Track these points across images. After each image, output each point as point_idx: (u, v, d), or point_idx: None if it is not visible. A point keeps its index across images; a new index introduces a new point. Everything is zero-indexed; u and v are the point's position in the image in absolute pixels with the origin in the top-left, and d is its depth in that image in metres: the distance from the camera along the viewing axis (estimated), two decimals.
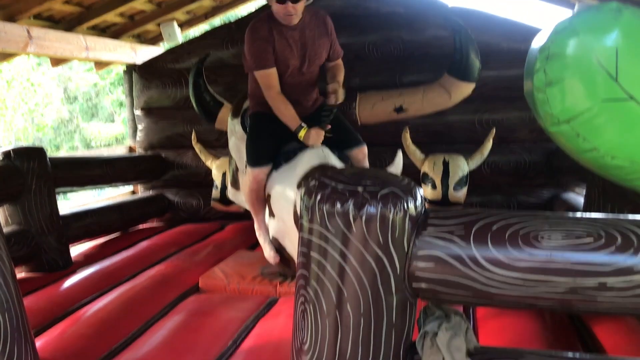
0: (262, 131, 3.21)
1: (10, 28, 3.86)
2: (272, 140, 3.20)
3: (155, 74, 5.12)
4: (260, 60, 3.00)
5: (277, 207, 3.07)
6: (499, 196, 4.60)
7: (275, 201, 3.08)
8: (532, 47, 1.95)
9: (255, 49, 3.01)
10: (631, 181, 1.78)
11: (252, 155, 3.20)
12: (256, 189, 3.20)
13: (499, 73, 4.39)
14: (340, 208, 1.44)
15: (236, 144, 3.61)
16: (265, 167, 3.16)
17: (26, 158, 3.62)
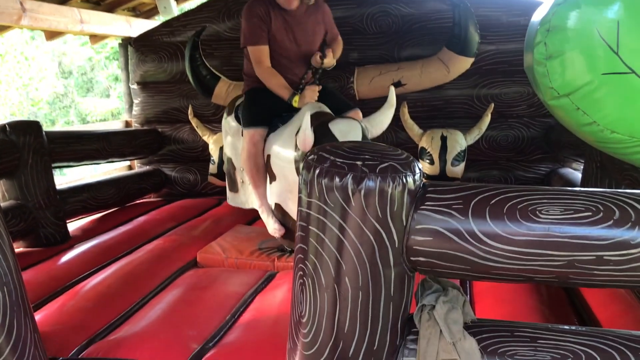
0: (258, 98, 3.26)
1: (3, 1, 3.81)
2: (267, 105, 3.23)
3: (151, 48, 5.07)
4: (253, 36, 3.11)
5: (277, 166, 3.07)
6: (496, 171, 4.60)
7: (275, 161, 3.08)
8: (533, 20, 1.93)
9: (250, 25, 3.11)
10: (630, 155, 1.77)
11: (247, 117, 3.24)
12: (254, 153, 3.19)
13: (498, 47, 4.35)
14: (339, 182, 1.44)
15: (232, 142, 3.59)
16: (260, 128, 3.18)
17: (22, 132, 3.59)
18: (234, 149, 3.58)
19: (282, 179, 3.03)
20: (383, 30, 4.55)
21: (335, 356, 1.50)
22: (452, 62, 4.03)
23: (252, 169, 3.24)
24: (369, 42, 4.57)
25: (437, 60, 4.10)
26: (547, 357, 1.44)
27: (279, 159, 3.03)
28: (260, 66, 3.14)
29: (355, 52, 4.57)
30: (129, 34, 5.29)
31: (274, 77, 3.13)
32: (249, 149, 3.20)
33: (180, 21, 5.04)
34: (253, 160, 3.21)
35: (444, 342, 1.48)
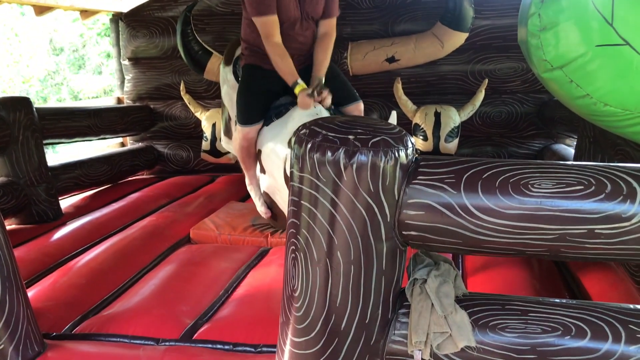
0: (254, 87, 3.09)
1: None
2: (263, 97, 3.09)
3: (142, 23, 5.00)
4: (262, 6, 2.83)
5: (267, 163, 3.03)
6: (489, 147, 4.61)
7: (266, 157, 3.03)
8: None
9: None
10: (623, 128, 1.77)
11: (242, 112, 3.10)
12: (246, 147, 3.14)
13: (492, 22, 4.32)
14: (330, 156, 1.43)
15: (228, 92, 3.52)
16: (255, 125, 3.07)
17: (12, 108, 3.55)
18: (230, 100, 3.50)
19: (271, 175, 3.01)
20: (377, 4, 4.51)
21: (328, 329, 1.51)
22: (446, 37, 4.00)
23: (244, 157, 3.21)
24: (362, 17, 4.53)
25: (431, 35, 4.07)
26: (538, 330, 1.45)
27: (270, 156, 2.98)
28: (270, 40, 2.88)
29: (349, 27, 4.53)
30: (120, 8, 5.21)
31: (283, 59, 2.88)
32: (242, 144, 3.12)
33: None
34: (245, 151, 3.17)
35: (436, 315, 1.49)
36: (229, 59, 3.57)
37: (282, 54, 2.88)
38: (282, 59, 2.88)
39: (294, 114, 2.92)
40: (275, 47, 2.88)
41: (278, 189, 2.99)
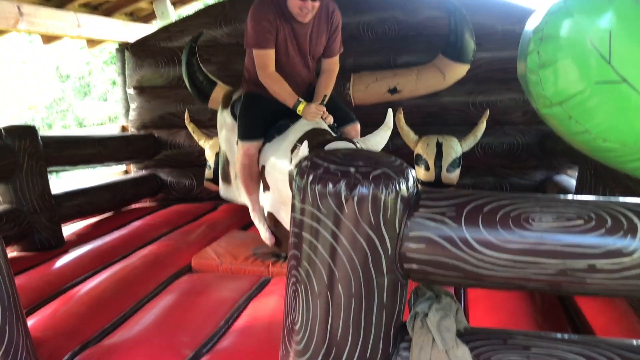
0: (255, 107, 3.18)
1: (0, 5, 3.81)
2: (264, 115, 3.16)
3: (148, 53, 5.07)
4: (261, 39, 2.95)
5: (271, 178, 3.05)
6: (491, 178, 4.62)
7: (270, 172, 3.05)
8: (526, 28, 1.94)
9: (258, 27, 2.95)
10: (622, 164, 1.78)
11: (243, 128, 3.17)
12: (248, 164, 3.16)
13: (493, 55, 4.37)
14: (332, 188, 1.44)
15: (227, 136, 3.57)
16: (255, 141, 3.13)
17: (18, 136, 3.59)
18: (228, 144, 3.57)
19: (276, 191, 3.02)
20: (379, 37, 4.57)
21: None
22: (447, 69, 4.05)
23: (246, 178, 3.22)
24: (365, 48, 4.58)
25: (433, 67, 4.12)
26: None
27: (273, 171, 3.01)
28: (265, 72, 3.01)
29: (352, 58, 4.58)
30: (127, 38, 5.29)
31: (278, 83, 3.01)
32: (243, 161, 3.16)
33: (177, 26, 5.05)
34: (247, 170, 3.19)
35: (437, 350, 1.48)
36: (227, 102, 3.62)
37: (277, 80, 2.99)
38: (278, 85, 2.99)
39: (295, 126, 3.00)
40: (270, 75, 2.99)
41: (283, 202, 2.98)
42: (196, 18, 5.01)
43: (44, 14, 4.24)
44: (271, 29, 2.95)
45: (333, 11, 3.14)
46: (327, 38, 3.17)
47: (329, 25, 3.14)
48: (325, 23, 3.12)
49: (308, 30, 3.06)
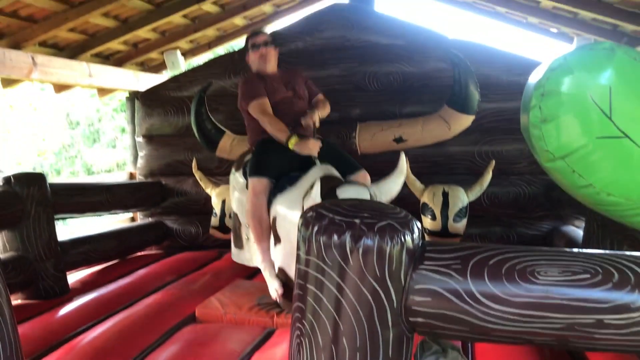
0: (268, 148, 3.27)
1: (15, 55, 3.91)
2: (276, 156, 3.22)
3: (158, 102, 5.16)
4: (252, 93, 3.27)
5: (282, 229, 3.01)
6: (498, 228, 4.59)
7: (281, 223, 3.02)
8: (529, 82, 1.98)
9: (248, 87, 3.33)
10: (627, 217, 1.78)
11: (252, 166, 3.25)
12: (256, 205, 3.15)
13: (498, 105, 4.42)
14: (337, 240, 1.44)
15: (239, 198, 3.58)
16: (264, 178, 3.15)
17: (26, 184, 3.62)
18: (240, 205, 3.57)
19: (287, 242, 2.98)
20: (384, 87, 4.64)
21: None
22: (453, 120, 4.08)
23: (256, 223, 3.20)
24: (370, 99, 4.65)
25: (438, 117, 4.16)
26: None
27: (285, 221, 2.98)
28: (264, 115, 3.21)
29: (357, 108, 4.65)
30: (137, 87, 5.40)
31: (274, 123, 3.17)
32: (252, 200, 3.17)
33: (187, 76, 5.14)
34: (257, 212, 3.16)
35: None
36: (239, 164, 3.66)
37: (274, 120, 3.20)
38: (274, 123, 3.18)
39: (306, 176, 3.02)
40: (268, 117, 3.21)
41: (294, 254, 2.93)
42: (206, 68, 5.11)
43: (56, 64, 4.34)
44: (259, 84, 3.32)
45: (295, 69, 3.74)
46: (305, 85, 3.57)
47: (299, 75, 3.58)
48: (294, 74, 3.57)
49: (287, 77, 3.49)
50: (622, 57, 1.65)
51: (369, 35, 4.69)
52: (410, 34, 4.62)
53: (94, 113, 16.11)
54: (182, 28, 5.27)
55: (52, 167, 15.38)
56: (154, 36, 5.23)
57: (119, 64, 5.35)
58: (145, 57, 5.54)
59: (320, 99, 3.58)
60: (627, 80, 1.62)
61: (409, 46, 4.60)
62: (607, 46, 1.71)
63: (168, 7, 4.65)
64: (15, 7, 3.86)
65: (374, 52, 4.65)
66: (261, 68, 3.43)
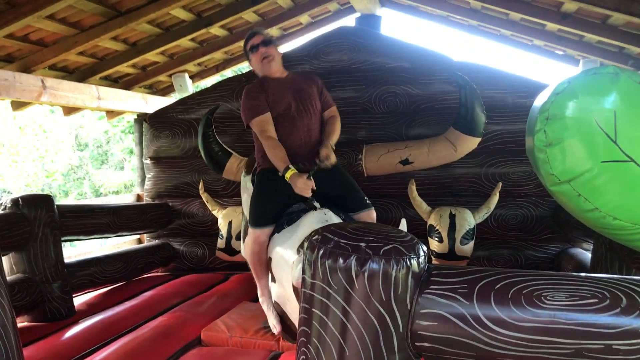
0: (268, 191, 3.14)
1: (25, 78, 3.96)
2: (276, 200, 3.10)
3: (165, 124, 5.20)
4: (253, 109, 3.09)
5: (277, 271, 2.96)
6: (505, 250, 4.56)
7: (276, 265, 2.97)
8: (533, 106, 1.98)
9: (248, 102, 3.12)
10: (633, 242, 1.77)
11: (254, 215, 3.12)
12: (257, 251, 3.10)
13: (504, 127, 4.42)
14: (342, 263, 1.44)
15: (248, 200, 3.52)
16: (266, 228, 3.06)
17: (34, 206, 3.64)
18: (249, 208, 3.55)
19: (280, 285, 2.94)
20: (391, 110, 4.65)
21: None
22: (459, 142, 4.08)
23: (255, 264, 3.17)
24: (377, 121, 4.66)
25: (444, 140, 4.16)
26: None
27: (279, 265, 2.92)
28: (264, 135, 3.04)
29: (364, 130, 4.66)
30: (145, 110, 5.44)
31: (275, 149, 3.00)
32: (254, 248, 3.09)
33: (194, 99, 5.19)
34: (257, 257, 3.12)
35: None
36: (249, 168, 3.66)
37: (275, 145, 3.03)
38: (274, 149, 3.01)
39: (304, 221, 2.87)
40: (269, 140, 3.04)
41: (287, 298, 2.87)
42: (213, 91, 5.15)
43: (66, 87, 4.39)
44: (259, 96, 3.10)
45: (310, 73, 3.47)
46: (319, 93, 3.31)
47: (312, 81, 3.32)
48: (307, 79, 3.33)
49: (296, 82, 3.24)
50: (626, 81, 1.65)
51: (375, 58, 4.72)
52: (416, 57, 4.65)
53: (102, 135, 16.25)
54: (190, 51, 5.33)
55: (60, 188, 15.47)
56: (162, 59, 5.29)
57: (128, 87, 5.40)
58: (154, 80, 5.60)
59: (331, 114, 3.33)
60: (632, 104, 1.62)
61: (415, 68, 4.62)
62: (611, 70, 1.71)
63: (176, 31, 4.71)
64: (26, 32, 3.92)
65: (380, 75, 4.68)
66: (266, 71, 3.20)
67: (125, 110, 5.39)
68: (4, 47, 4.02)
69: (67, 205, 4.36)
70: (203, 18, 4.65)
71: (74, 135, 16.26)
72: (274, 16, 5.20)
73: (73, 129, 16.19)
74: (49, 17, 3.72)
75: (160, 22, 4.53)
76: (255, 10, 4.83)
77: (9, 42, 3.89)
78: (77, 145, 16.37)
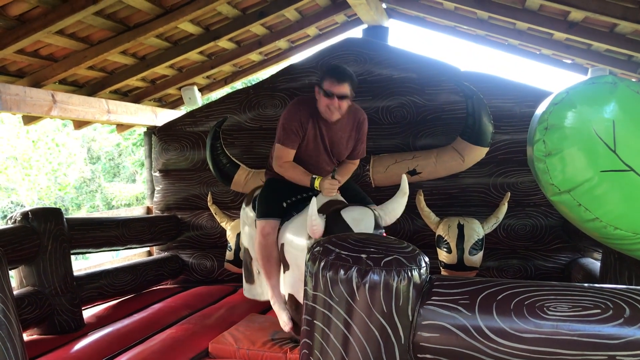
0: (275, 187, 3.27)
1: (35, 93, 4.01)
2: (283, 196, 3.23)
3: (174, 137, 5.23)
4: (286, 138, 3.11)
5: (290, 254, 3.04)
6: (515, 260, 4.53)
7: (288, 249, 3.06)
8: (534, 115, 1.98)
9: (287, 126, 3.11)
10: (635, 251, 1.75)
11: (260, 207, 3.25)
12: (264, 245, 3.17)
13: (512, 137, 4.40)
14: (343, 275, 1.44)
15: (249, 232, 3.63)
16: (272, 219, 3.17)
17: (43, 219, 3.67)
18: (251, 240, 3.60)
19: (295, 267, 3.01)
20: (398, 120, 4.65)
21: None
22: (466, 152, 4.07)
23: (264, 260, 3.23)
24: (384, 132, 4.67)
25: (451, 150, 4.15)
26: None
27: (292, 247, 3.02)
28: (279, 161, 3.15)
29: (371, 141, 4.62)
30: (155, 123, 5.48)
31: (293, 168, 3.13)
32: (260, 240, 3.19)
33: (203, 112, 5.22)
34: (264, 251, 3.19)
35: None
36: (249, 200, 3.71)
37: (291, 166, 3.13)
38: (293, 169, 3.13)
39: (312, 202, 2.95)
40: (285, 165, 3.14)
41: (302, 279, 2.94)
42: (221, 103, 5.18)
43: (76, 101, 4.43)
44: (298, 131, 3.11)
45: (362, 120, 3.29)
46: (354, 144, 3.31)
47: (357, 132, 3.29)
48: (354, 130, 3.27)
49: (337, 132, 3.19)
50: (624, 90, 1.65)
51: (382, 69, 4.73)
52: (423, 67, 4.65)
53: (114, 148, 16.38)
54: (199, 64, 5.36)
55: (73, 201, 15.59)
56: (171, 72, 5.32)
57: (137, 100, 5.44)
58: (163, 93, 5.64)
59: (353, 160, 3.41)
60: (631, 113, 1.61)
61: (422, 79, 4.63)
62: (609, 80, 1.70)
63: (185, 45, 4.74)
64: (36, 47, 3.97)
65: (387, 86, 4.68)
66: (324, 115, 3.07)
67: (135, 124, 5.43)
68: (14, 62, 4.07)
69: (77, 218, 4.39)
70: (211, 31, 4.69)
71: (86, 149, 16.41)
72: (281, 29, 5.23)
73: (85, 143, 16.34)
74: (58, 32, 3.77)
75: (169, 35, 4.57)
76: (262, 23, 4.86)
77: (19, 57, 3.94)
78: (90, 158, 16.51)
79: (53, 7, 3.49)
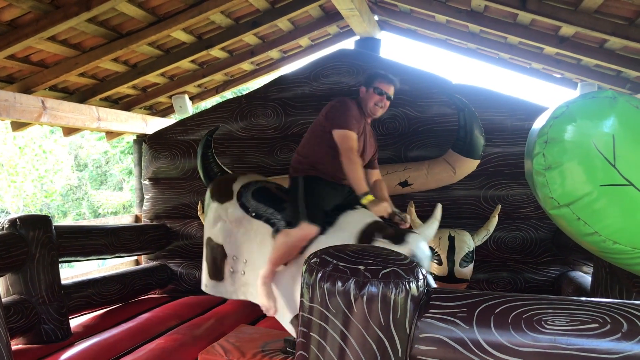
0: (322, 190, 3.06)
1: (25, 99, 3.97)
2: (328, 202, 3.06)
3: (165, 145, 5.21)
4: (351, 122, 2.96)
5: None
6: (505, 273, 4.54)
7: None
8: (532, 129, 1.98)
9: (349, 113, 2.99)
10: (634, 266, 1.75)
11: (311, 209, 2.97)
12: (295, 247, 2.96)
13: (503, 150, 4.43)
14: (341, 287, 1.43)
15: (226, 228, 3.41)
16: (317, 226, 2.93)
17: (31, 227, 3.63)
18: (227, 236, 3.42)
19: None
20: (390, 132, 4.66)
21: None
22: (458, 164, 4.09)
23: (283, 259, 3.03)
24: None
25: (443, 162, 4.17)
26: None
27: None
28: (352, 152, 2.89)
29: None
30: (145, 131, 5.45)
31: (358, 167, 2.89)
32: (295, 244, 2.96)
33: (194, 120, 5.20)
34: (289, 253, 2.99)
35: None
36: (228, 193, 3.48)
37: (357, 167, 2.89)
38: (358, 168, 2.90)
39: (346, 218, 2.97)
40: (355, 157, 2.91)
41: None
42: (213, 112, 5.17)
43: (66, 108, 4.40)
44: (359, 119, 3.04)
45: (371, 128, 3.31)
46: (374, 150, 3.32)
47: (375, 139, 3.35)
48: (373, 137, 3.32)
49: (368, 133, 3.21)
50: (624, 105, 1.66)
51: None
52: (415, 79, 4.67)
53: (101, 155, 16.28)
54: (191, 73, 5.35)
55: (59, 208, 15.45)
56: (162, 81, 5.31)
57: (128, 108, 5.41)
58: (154, 101, 5.61)
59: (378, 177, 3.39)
60: (630, 128, 1.62)
61: (414, 91, 4.65)
62: (609, 94, 1.72)
63: (177, 53, 4.73)
64: (27, 53, 3.94)
65: None
66: (370, 112, 3.11)
67: (125, 131, 5.40)
68: (4, 68, 4.03)
69: (65, 225, 4.35)
70: (203, 40, 4.68)
71: (73, 156, 16.29)
72: (274, 39, 5.24)
73: (72, 150, 16.23)
74: (50, 38, 3.74)
75: (161, 44, 4.56)
76: (255, 33, 4.86)
77: (9, 63, 3.91)
78: (77, 165, 16.40)
79: (45, 13, 3.47)
